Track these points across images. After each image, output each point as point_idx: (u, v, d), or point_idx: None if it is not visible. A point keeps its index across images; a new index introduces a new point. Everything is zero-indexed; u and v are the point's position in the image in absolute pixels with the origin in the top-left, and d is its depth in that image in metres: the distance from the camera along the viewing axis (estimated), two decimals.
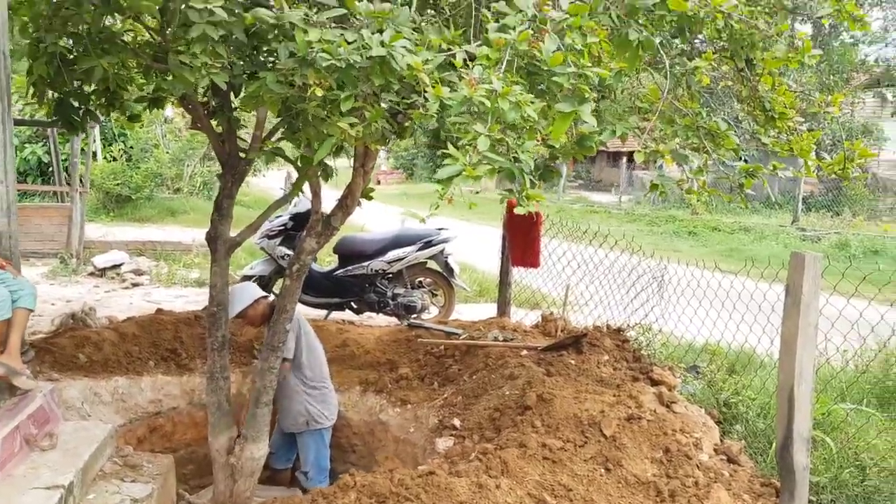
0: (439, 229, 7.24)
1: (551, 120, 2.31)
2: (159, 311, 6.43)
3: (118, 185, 14.81)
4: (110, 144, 16.06)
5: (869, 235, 15.72)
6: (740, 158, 3.90)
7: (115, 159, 15.65)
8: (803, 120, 3.73)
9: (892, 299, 4.62)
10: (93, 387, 5.12)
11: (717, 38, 3.62)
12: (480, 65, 2.38)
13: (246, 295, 4.88)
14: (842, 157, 3.70)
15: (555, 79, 2.27)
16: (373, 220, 13.63)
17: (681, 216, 20.00)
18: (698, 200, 3.70)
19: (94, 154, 14.12)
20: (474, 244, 10.74)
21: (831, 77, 21.77)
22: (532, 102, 2.16)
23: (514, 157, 2.15)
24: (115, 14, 3.93)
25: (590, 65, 2.33)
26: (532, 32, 2.34)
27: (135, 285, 9.20)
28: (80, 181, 10.67)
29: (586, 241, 6.28)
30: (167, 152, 17.11)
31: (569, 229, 6.37)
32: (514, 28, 2.46)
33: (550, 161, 3.69)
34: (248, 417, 4.70)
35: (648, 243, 15.98)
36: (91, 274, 9.77)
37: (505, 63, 2.27)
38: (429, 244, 7.07)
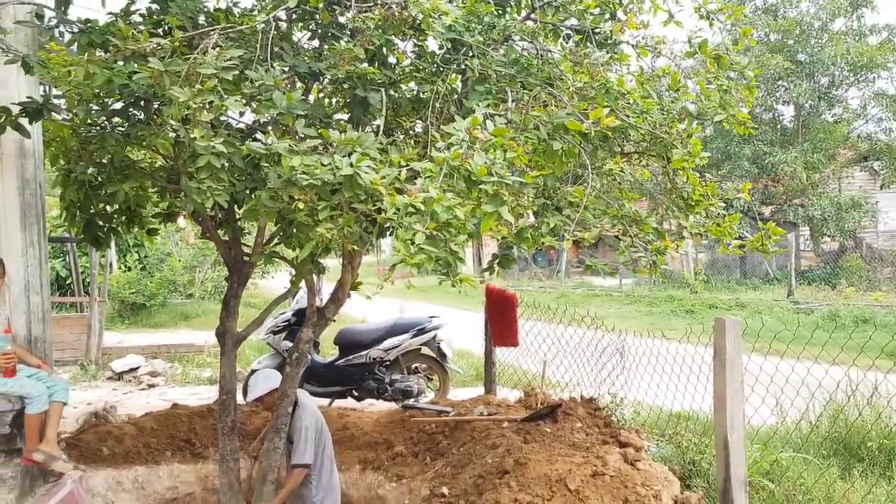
0: (431, 317, 7.84)
1: (480, 217, 2.93)
2: (175, 405, 6.96)
3: (133, 293, 15.56)
4: (125, 255, 16.89)
5: (859, 305, 16.15)
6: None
7: (129, 269, 16.45)
8: (724, 205, 4.35)
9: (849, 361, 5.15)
10: (115, 476, 5.63)
11: (643, 140, 4.31)
12: (428, 177, 3.03)
13: (266, 383, 5.08)
14: (760, 235, 4.30)
15: (481, 186, 2.91)
16: (375, 313, 14.18)
17: (679, 296, 20.49)
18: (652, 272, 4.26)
19: (111, 265, 14.89)
20: (473, 331, 11.27)
21: (814, 155, 22.66)
22: (462, 205, 2.79)
23: (449, 249, 2.75)
24: (135, 145, 4.65)
25: (510, 174, 2.97)
26: (464, 150, 2.99)
27: (151, 386, 9.74)
28: (98, 292, 11.37)
29: (572, 322, 6.79)
30: (180, 260, 17.92)
31: (546, 311, 6.93)
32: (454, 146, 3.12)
33: (506, 250, 4.32)
34: (256, 496, 5.17)
35: (646, 322, 16.50)
36: (109, 378, 10.34)
37: (442, 175, 2.91)
38: (422, 331, 7.64)
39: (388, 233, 4.57)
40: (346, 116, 4.76)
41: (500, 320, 6.66)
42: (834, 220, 22.40)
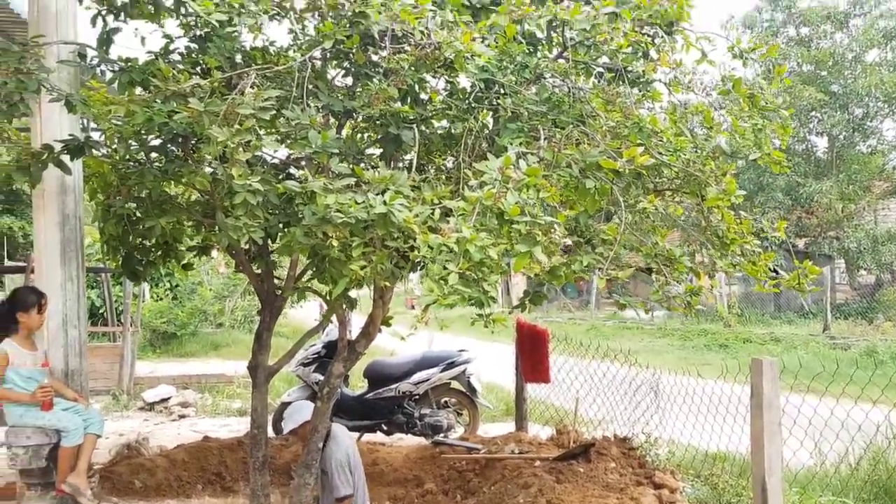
0: (460, 351, 7.81)
1: (513, 256, 2.93)
2: (206, 438, 6.99)
3: (164, 323, 15.74)
4: (157, 285, 17.11)
5: None
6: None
7: (161, 298, 16.67)
8: (759, 243, 4.29)
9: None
10: None
11: (676, 177, 4.29)
12: (460, 215, 3.04)
13: (299, 415, 5.14)
14: (796, 274, 4.23)
15: (514, 226, 2.91)
16: (404, 345, 14.15)
17: (713, 329, 20.18)
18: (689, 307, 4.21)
19: (143, 294, 15.09)
20: (503, 364, 11.20)
21: (849, 187, 22.37)
22: (495, 245, 2.80)
23: (482, 288, 2.75)
24: (172, 180, 4.72)
25: (542, 213, 2.97)
26: (497, 189, 3.00)
27: (182, 417, 9.81)
28: (131, 321, 11.51)
29: (605, 358, 6.72)
30: (210, 289, 18.10)
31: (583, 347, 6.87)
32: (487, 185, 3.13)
33: (537, 287, 4.30)
34: None
35: (679, 357, 16.27)
36: (141, 408, 10.43)
37: (475, 214, 2.92)
38: (451, 365, 7.61)
39: (419, 267, 4.58)
40: (378, 151, 4.81)
41: (532, 356, 6.60)
42: (870, 252, 22.00)
